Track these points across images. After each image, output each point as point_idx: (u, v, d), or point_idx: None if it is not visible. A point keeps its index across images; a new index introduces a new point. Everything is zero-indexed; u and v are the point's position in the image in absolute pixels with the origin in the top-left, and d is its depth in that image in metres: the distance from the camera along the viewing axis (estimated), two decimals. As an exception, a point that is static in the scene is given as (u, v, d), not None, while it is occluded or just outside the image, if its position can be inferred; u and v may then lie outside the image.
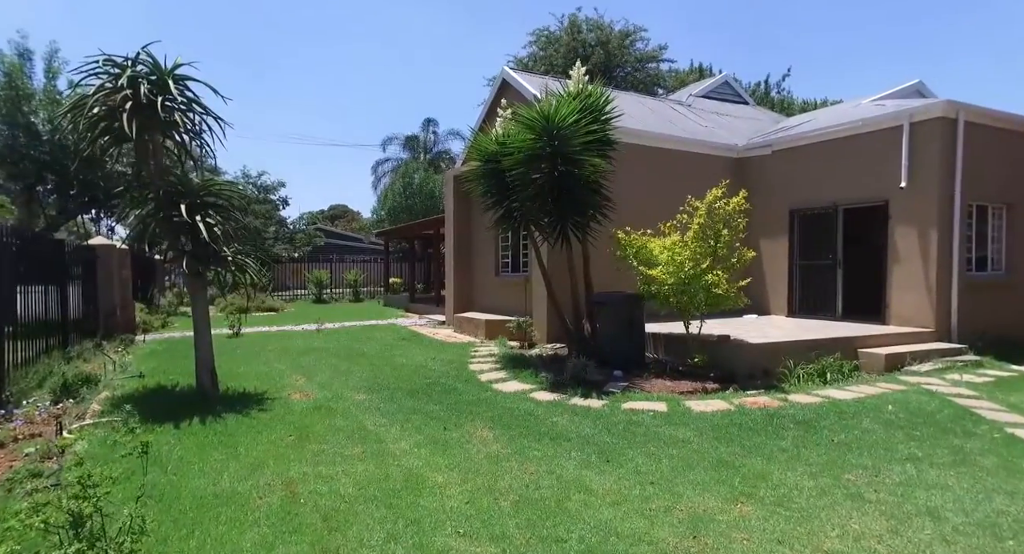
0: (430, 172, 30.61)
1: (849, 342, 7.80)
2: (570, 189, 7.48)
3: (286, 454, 4.47)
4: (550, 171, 7.41)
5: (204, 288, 6.04)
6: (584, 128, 7.43)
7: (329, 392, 6.60)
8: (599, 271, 8.59)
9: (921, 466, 4.12)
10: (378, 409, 5.89)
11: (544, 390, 6.80)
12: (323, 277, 23.29)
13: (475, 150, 8.55)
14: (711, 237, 7.19)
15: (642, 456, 4.48)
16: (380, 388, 6.84)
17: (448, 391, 6.71)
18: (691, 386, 6.80)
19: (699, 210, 7.21)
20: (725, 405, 5.92)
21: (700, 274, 7.06)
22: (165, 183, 5.69)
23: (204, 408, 5.60)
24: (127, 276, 11.87)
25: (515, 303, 11.90)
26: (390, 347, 10.01)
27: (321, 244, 35.29)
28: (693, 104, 15.51)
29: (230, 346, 10.15)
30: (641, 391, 6.67)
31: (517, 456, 4.50)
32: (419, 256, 24.68)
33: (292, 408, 5.84)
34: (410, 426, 5.32)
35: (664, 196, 10.95)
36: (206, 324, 6.06)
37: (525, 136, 7.44)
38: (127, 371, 7.33)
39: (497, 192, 8.46)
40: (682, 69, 29.35)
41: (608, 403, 6.13)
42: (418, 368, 8.06)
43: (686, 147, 11.57)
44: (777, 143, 11.18)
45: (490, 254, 13.09)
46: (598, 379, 7.19)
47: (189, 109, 6.04)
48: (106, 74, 5.45)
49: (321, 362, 8.45)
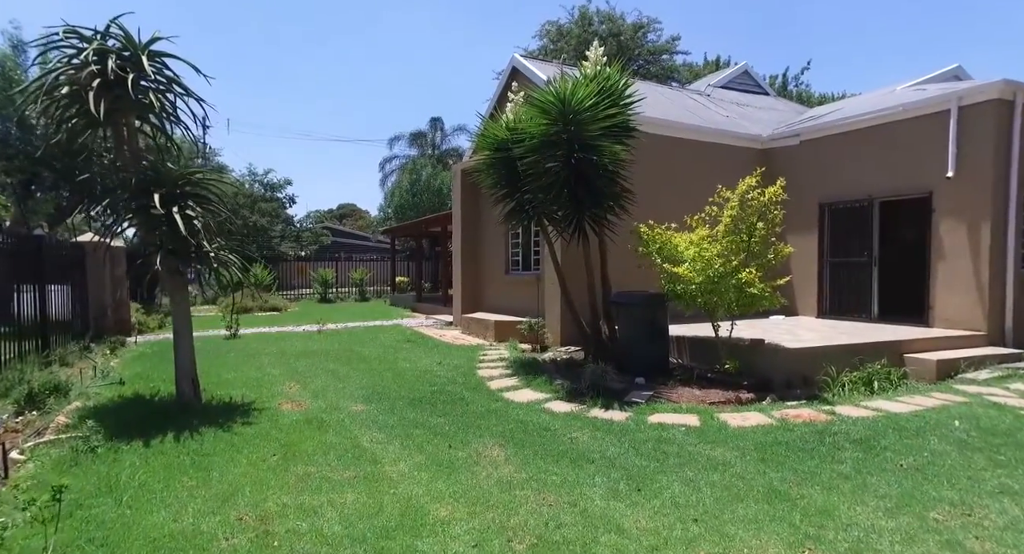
0: (438, 168, 30.04)
1: (894, 347, 7.09)
2: (587, 178, 6.84)
3: (266, 479, 3.87)
4: (566, 159, 6.77)
5: (184, 287, 5.46)
6: (603, 112, 6.78)
7: (323, 402, 6.01)
8: (616, 269, 7.95)
9: (1022, 502, 3.44)
10: (376, 422, 5.29)
11: (560, 400, 6.17)
12: (328, 276, 22.79)
13: (484, 139, 7.93)
14: (744, 231, 6.53)
15: (679, 483, 3.84)
16: (380, 397, 6.24)
17: (454, 401, 6.10)
18: (723, 396, 6.15)
19: (731, 201, 6.55)
20: (765, 419, 5.26)
21: (732, 272, 6.40)
22: (139, 171, 5.12)
23: (182, 421, 5.02)
24: (121, 274, 11.37)
25: (526, 303, 11.27)
26: (393, 350, 9.41)
27: (328, 243, 34.89)
28: (712, 94, 14.80)
29: (224, 348, 9.61)
30: (668, 401, 6.03)
31: (533, 482, 3.88)
32: (426, 254, 24.12)
33: (280, 421, 5.25)
34: (411, 443, 4.71)
35: (684, 189, 10.32)
36: (187, 328, 5.48)
37: (539, 121, 6.81)
38: (108, 377, 6.78)
39: (507, 183, 7.83)
40: (696, 62, 28.59)
41: (632, 415, 5.49)
42: (422, 374, 7.46)
43: (707, 137, 10.89)
44: (806, 132, 10.46)
45: (499, 251, 12.47)
46: (619, 387, 6.56)
47: (168, 90, 5.47)
48: (71, 48, 4.88)
49: (318, 367, 7.87)
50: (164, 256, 5.00)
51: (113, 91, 4.90)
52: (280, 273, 24.28)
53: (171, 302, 5.53)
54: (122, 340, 9.84)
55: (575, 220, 7.11)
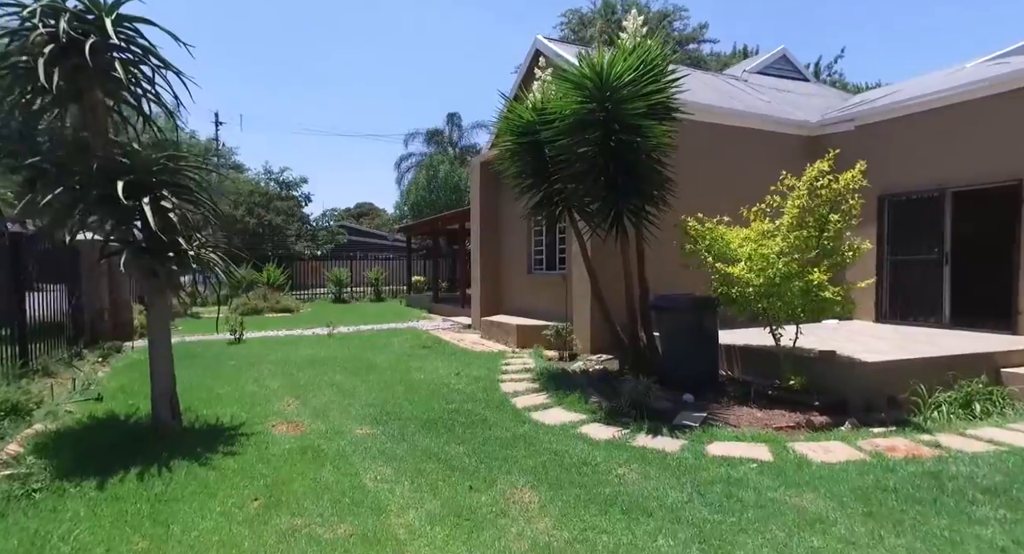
0: (455, 165, 29.26)
1: (989, 360, 6.06)
2: (627, 164, 5.93)
3: (238, 538, 3.05)
4: (602, 142, 5.86)
5: (162, 292, 4.68)
6: (645, 88, 5.87)
7: (324, 423, 5.20)
8: (653, 269, 7.03)
9: None
10: (383, 452, 4.45)
11: (598, 422, 5.28)
12: (343, 276, 22.14)
13: (507, 122, 7.05)
14: (812, 225, 5.56)
15: (769, 549, 2.93)
16: (389, 417, 5.41)
17: (475, 423, 5.24)
18: (790, 419, 5.20)
19: (797, 190, 5.58)
20: (853, 452, 4.31)
21: (799, 272, 5.45)
22: (104, 155, 4.34)
23: (153, 451, 4.24)
24: (121, 274, 10.72)
25: (551, 305, 10.39)
26: (407, 358, 8.60)
27: (344, 242, 34.37)
28: (749, 80, 13.74)
29: (226, 354, 8.88)
30: (725, 425, 5.11)
31: (579, 545, 3.00)
32: (443, 253, 23.35)
33: (270, 450, 4.44)
34: (423, 482, 3.86)
35: (724, 181, 9.34)
36: (164, 340, 4.71)
37: (571, 99, 5.91)
38: (87, 391, 6.06)
39: (534, 172, 6.95)
40: (724, 52, 27.40)
41: (687, 444, 4.58)
42: (438, 387, 6.62)
43: (750, 123, 9.88)
44: (862, 116, 9.40)
45: (522, 249, 11.60)
46: (665, 406, 5.64)
47: (141, 61, 4.68)
48: (15, 5, 4.11)
49: (323, 378, 7.07)
50: (131, 256, 4.22)
51: (71, 58, 4.13)
52: (294, 273, 23.72)
53: (147, 309, 4.76)
54: (118, 345, 9.18)
55: (612, 212, 6.19)
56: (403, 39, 77.00)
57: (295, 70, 79.91)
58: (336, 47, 78.57)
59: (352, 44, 78.28)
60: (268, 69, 76.83)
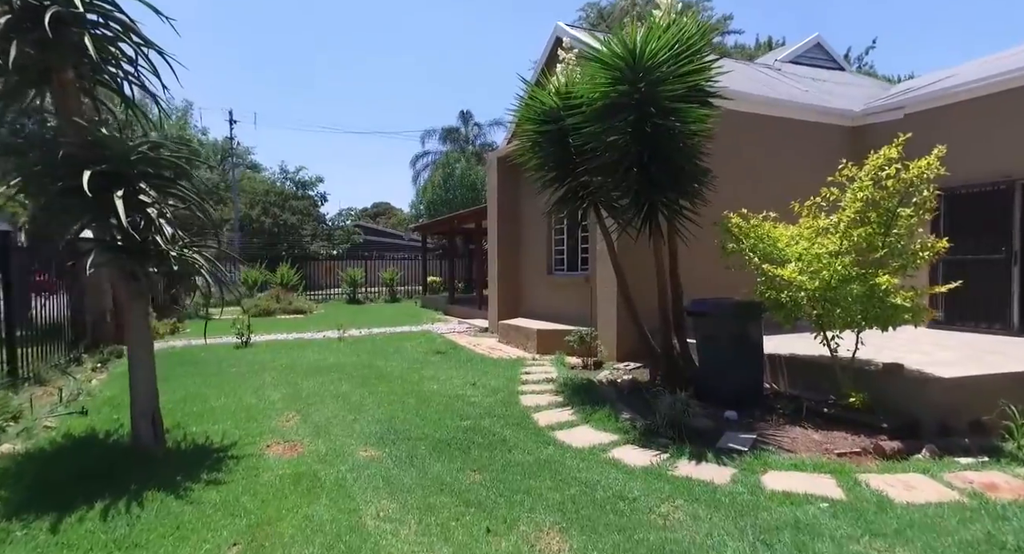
0: (472, 163, 28.74)
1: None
2: (664, 153, 5.28)
3: (205, 602, 2.50)
4: (636, 127, 5.22)
5: (142, 297, 4.17)
6: (682, 68, 5.23)
7: (324, 443, 4.65)
8: (684, 270, 6.38)
9: None
10: (388, 481, 3.89)
11: (631, 444, 4.67)
12: (357, 276, 21.72)
13: (528, 111, 6.45)
14: (876, 220, 4.86)
15: (868, 631, 2.29)
16: (397, 436, 4.84)
17: (493, 444, 4.65)
18: (853, 442, 4.53)
19: (859, 181, 4.89)
20: (941, 490, 3.62)
21: (861, 275, 4.76)
22: (74, 142, 3.83)
23: (127, 479, 3.73)
24: (125, 276, 10.34)
25: (572, 308, 9.78)
26: (420, 365, 8.04)
27: (360, 241, 34.12)
28: (782, 69, 12.95)
29: (230, 360, 8.42)
30: (778, 449, 4.46)
31: (623, 621, 2.39)
32: (459, 252, 22.83)
33: (260, 478, 3.90)
34: (433, 522, 3.28)
35: (759, 175, 8.64)
36: (145, 352, 4.20)
37: (601, 80, 5.29)
38: (75, 402, 5.60)
39: (557, 164, 6.35)
40: (748, 45, 26.44)
41: (739, 474, 3.94)
42: (453, 400, 6.04)
43: (787, 112, 9.16)
44: (913, 103, 8.61)
45: (541, 248, 10.99)
46: (706, 425, 5.00)
47: (119, 38, 4.18)
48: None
49: (328, 389, 6.54)
50: (102, 256, 3.71)
51: (33, 32, 3.63)
52: (308, 273, 23.40)
53: (126, 317, 4.25)
54: (119, 350, 8.76)
55: (646, 207, 5.55)
56: (420, 37, 76.83)
57: (311, 69, 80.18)
58: (353, 46, 78.68)
59: (369, 43, 78.33)
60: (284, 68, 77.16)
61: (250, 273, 19.96)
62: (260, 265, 20.90)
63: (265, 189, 30.84)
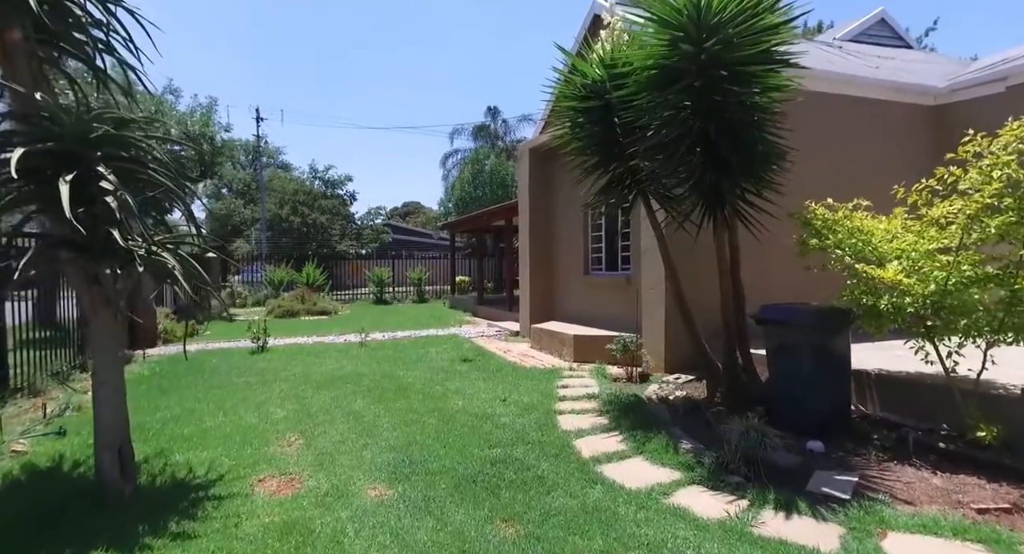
0: (502, 158, 27.96)
1: None
2: (735, 128, 4.35)
3: None
4: (701, 96, 4.30)
5: (108, 305, 3.47)
6: (759, 23, 4.29)
7: (327, 477, 3.89)
8: (744, 272, 5.44)
9: None
10: (397, 536, 3.09)
11: (698, 484, 3.78)
12: (384, 276, 21.16)
13: (567, 87, 5.57)
14: (1017, 207, 3.83)
15: None
16: (413, 468, 4.05)
17: (528, 483, 3.81)
18: (995, 493, 3.54)
19: (994, 157, 3.86)
20: None
21: (1000, 276, 3.76)
22: (19, 114, 3.15)
23: (74, 529, 3.02)
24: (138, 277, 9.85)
25: (611, 311, 8.88)
26: (445, 375, 7.26)
27: (389, 240, 33.77)
28: (843, 47, 11.73)
29: (241, 368, 7.80)
30: (890, 497, 3.51)
31: None
32: (488, 251, 22.07)
33: (241, 528, 3.15)
34: (450, 607, 2.46)
35: (829, 159, 7.61)
36: (113, 371, 3.51)
37: (657, 40, 4.39)
38: (60, 418, 4.99)
39: (600, 146, 5.47)
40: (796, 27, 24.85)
41: (848, 536, 3.03)
42: (480, 420, 5.22)
43: (859, 91, 8.07)
44: (1018, 73, 7.40)
45: (577, 246, 10.10)
46: (789, 461, 4.08)
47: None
48: None
49: (341, 404, 5.80)
50: (48, 250, 3.01)
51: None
52: (335, 272, 22.99)
53: (88, 328, 3.56)
54: (128, 356, 8.25)
55: (714, 193, 4.63)
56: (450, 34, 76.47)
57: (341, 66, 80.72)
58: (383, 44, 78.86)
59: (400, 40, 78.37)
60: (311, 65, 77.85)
61: (275, 273, 19.59)
62: (286, 264, 20.54)
63: (294, 188, 30.69)
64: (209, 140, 15.85)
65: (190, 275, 3.50)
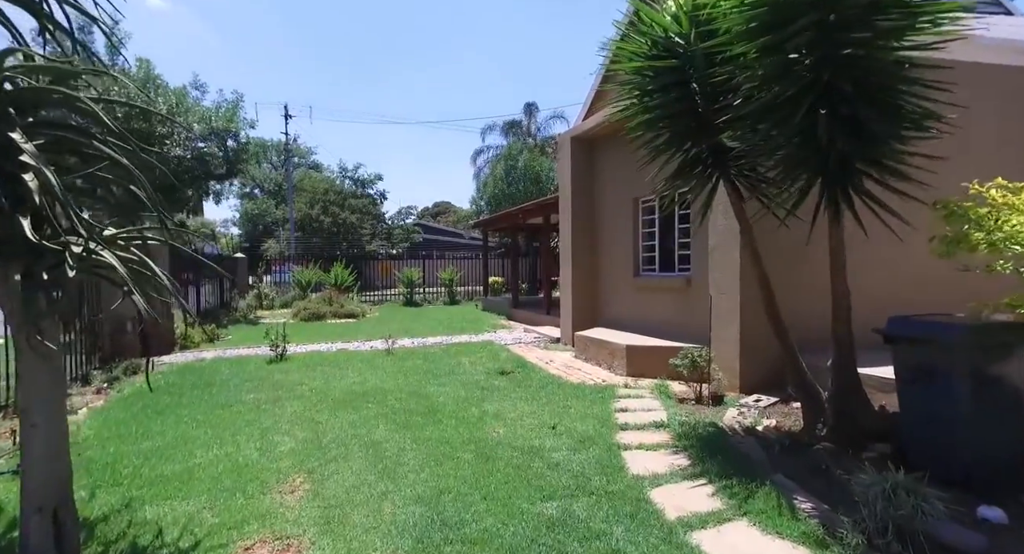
0: (535, 153, 26.94)
1: None
2: (877, 82, 3.24)
3: None
4: (827, 40, 3.20)
5: (41, 319, 2.60)
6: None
7: (332, 546, 2.95)
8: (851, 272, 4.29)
9: None
10: None
11: (839, 572, 2.69)
12: (414, 276, 20.37)
13: (633, 47, 4.50)
14: None
15: None
16: (446, 534, 3.06)
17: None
18: None
19: None
20: None
21: None
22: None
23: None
24: (154, 279, 9.17)
25: (665, 317, 7.82)
26: (481, 392, 6.29)
27: (419, 240, 33.18)
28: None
29: (254, 380, 6.98)
30: None
31: None
32: (523, 251, 21.07)
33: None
34: None
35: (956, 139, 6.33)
36: (50, 412, 2.63)
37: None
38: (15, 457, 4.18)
39: (675, 118, 4.39)
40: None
41: None
42: (527, 457, 4.22)
43: (979, 54, 6.74)
44: None
45: (625, 243, 9.01)
46: (961, 540, 2.95)
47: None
48: None
49: (360, 432, 4.87)
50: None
51: None
52: (365, 273, 22.34)
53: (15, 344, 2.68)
54: (136, 365, 7.54)
55: (840, 170, 3.51)
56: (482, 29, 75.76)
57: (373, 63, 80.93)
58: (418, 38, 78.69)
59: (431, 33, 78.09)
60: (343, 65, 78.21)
61: (303, 273, 19.01)
62: (316, 264, 19.96)
63: (324, 188, 30.31)
64: (234, 136, 15.24)
65: (143, 279, 2.60)
